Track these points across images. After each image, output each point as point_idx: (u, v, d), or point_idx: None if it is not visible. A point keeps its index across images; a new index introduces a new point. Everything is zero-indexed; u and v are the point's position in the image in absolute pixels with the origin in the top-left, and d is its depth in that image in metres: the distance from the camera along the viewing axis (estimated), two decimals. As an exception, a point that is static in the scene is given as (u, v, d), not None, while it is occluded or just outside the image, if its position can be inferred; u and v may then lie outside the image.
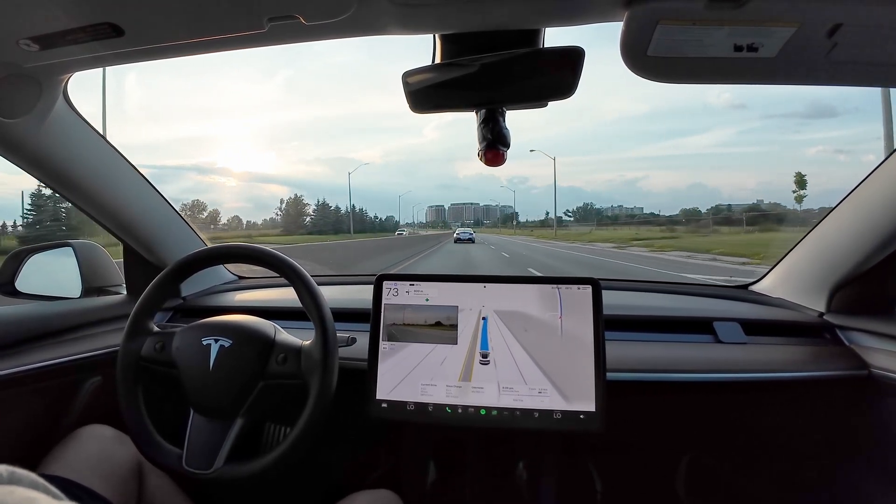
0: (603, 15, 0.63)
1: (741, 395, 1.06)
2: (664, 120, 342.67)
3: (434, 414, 0.88)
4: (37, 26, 0.65)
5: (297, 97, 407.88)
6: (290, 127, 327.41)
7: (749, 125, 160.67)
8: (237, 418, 0.83)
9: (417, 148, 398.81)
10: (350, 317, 1.16)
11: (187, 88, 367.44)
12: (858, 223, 1.00)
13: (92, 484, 0.81)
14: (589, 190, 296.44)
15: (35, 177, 0.97)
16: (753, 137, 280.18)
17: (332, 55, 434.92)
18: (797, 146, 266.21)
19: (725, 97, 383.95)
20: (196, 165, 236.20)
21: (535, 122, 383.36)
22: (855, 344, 1.03)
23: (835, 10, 0.55)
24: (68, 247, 1.21)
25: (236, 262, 1.01)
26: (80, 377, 1.03)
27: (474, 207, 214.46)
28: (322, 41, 0.73)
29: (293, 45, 0.74)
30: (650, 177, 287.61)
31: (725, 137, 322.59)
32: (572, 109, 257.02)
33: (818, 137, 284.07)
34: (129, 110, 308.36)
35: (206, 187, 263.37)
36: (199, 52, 0.75)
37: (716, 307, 1.23)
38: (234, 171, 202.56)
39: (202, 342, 0.85)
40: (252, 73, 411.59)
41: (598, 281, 0.90)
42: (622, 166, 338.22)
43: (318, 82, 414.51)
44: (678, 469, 1.21)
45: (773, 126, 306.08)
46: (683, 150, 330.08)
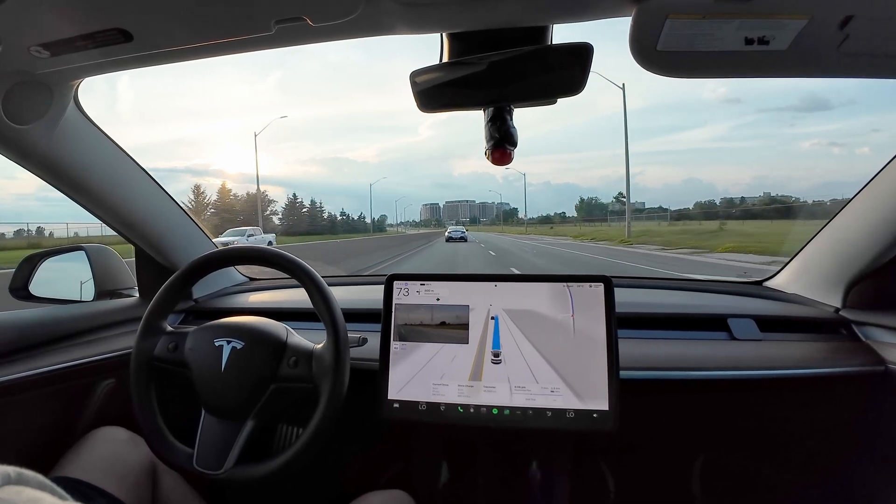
0: (611, 10, 0.62)
1: (757, 393, 1.04)
2: (659, 115, 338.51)
3: (446, 413, 0.88)
4: (47, 33, 0.66)
5: (291, 97, 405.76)
6: (285, 127, 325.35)
7: (743, 119, 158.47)
8: (248, 420, 0.84)
9: (413, 146, 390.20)
10: (361, 317, 1.16)
11: (181, 90, 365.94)
12: (874, 217, 0.98)
13: (106, 485, 0.81)
14: (585, 186, 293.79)
15: (47, 181, 0.98)
16: (748, 132, 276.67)
17: (328, 54, 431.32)
18: (792, 140, 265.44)
19: (721, 92, 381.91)
20: (190, 167, 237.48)
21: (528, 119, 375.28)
22: (872, 339, 1.01)
23: (846, 1, 0.54)
24: (81, 251, 1.22)
25: (247, 263, 1.01)
26: (93, 380, 1.04)
27: (470, 205, 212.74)
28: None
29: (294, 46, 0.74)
30: (645, 172, 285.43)
31: (720, 132, 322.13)
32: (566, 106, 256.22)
33: (812, 131, 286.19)
34: (122, 113, 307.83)
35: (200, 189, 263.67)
36: (207, 55, 0.75)
37: (730, 304, 1.22)
38: (229, 173, 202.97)
39: (214, 343, 0.86)
40: (246, 74, 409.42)
41: (611, 279, 0.89)
42: (617, 162, 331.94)
43: (314, 82, 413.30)
44: (693, 468, 1.20)
45: (767, 120, 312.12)
46: (678, 145, 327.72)
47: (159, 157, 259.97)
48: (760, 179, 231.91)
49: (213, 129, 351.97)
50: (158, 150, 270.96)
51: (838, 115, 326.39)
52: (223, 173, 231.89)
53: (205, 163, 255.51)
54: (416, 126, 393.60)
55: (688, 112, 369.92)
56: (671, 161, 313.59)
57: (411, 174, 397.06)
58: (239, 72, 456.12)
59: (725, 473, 1.20)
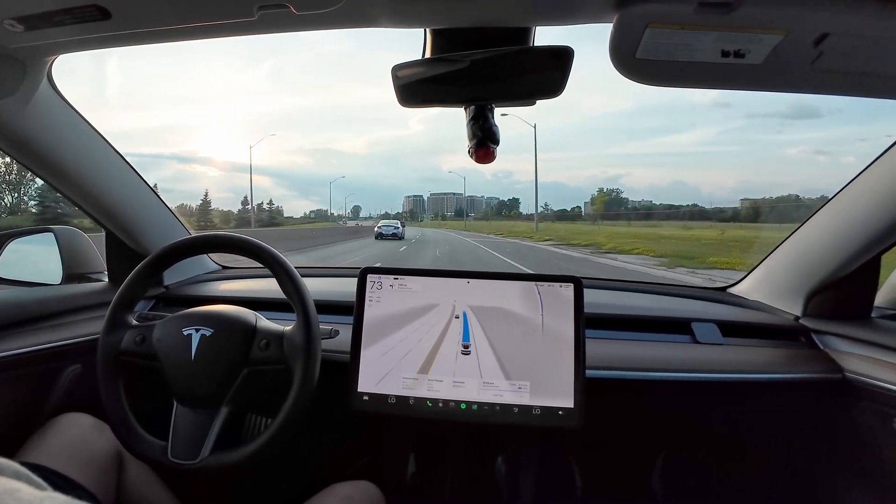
0: (593, 15, 0.63)
1: (717, 395, 1.07)
2: (648, 117, 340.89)
3: (415, 407, 0.89)
4: (22, 6, 0.64)
5: (280, 86, 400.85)
6: (273, 116, 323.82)
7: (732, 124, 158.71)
8: (222, 407, 0.83)
9: (402, 139, 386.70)
10: (333, 309, 1.16)
11: (168, 74, 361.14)
12: (836, 230, 1.02)
13: (70, 472, 0.80)
14: (572, 185, 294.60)
15: (17, 160, 0.95)
16: (735, 137, 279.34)
17: (319, 44, 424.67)
18: (778, 146, 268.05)
19: (711, 95, 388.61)
20: (176, 154, 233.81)
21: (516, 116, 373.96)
22: (829, 348, 1.05)
23: (822, 19, 0.56)
24: (49, 232, 1.19)
25: (218, 251, 1.00)
26: (59, 365, 1.02)
27: (457, 197, 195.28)
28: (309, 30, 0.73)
29: (278, 33, 0.73)
30: (632, 174, 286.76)
31: (707, 136, 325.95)
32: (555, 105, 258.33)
33: (799, 138, 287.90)
34: (108, 96, 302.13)
35: (186, 176, 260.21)
36: (187, 38, 0.74)
37: (694, 308, 1.25)
38: (216, 161, 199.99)
39: (183, 332, 0.85)
40: (235, 61, 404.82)
41: (581, 279, 0.91)
42: (604, 162, 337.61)
43: (303, 71, 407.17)
44: (654, 466, 1.23)
45: (755, 126, 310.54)
46: (665, 147, 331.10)
47: (144, 142, 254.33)
48: (745, 184, 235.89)
49: (202, 117, 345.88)
50: (144, 136, 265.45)
51: (826, 123, 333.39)
52: (211, 160, 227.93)
53: (192, 149, 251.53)
54: (406, 119, 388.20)
55: (678, 114, 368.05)
56: (656, 163, 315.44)
57: (399, 167, 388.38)
58: (229, 58, 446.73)
59: (685, 471, 1.23)
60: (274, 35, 0.74)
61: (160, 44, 0.77)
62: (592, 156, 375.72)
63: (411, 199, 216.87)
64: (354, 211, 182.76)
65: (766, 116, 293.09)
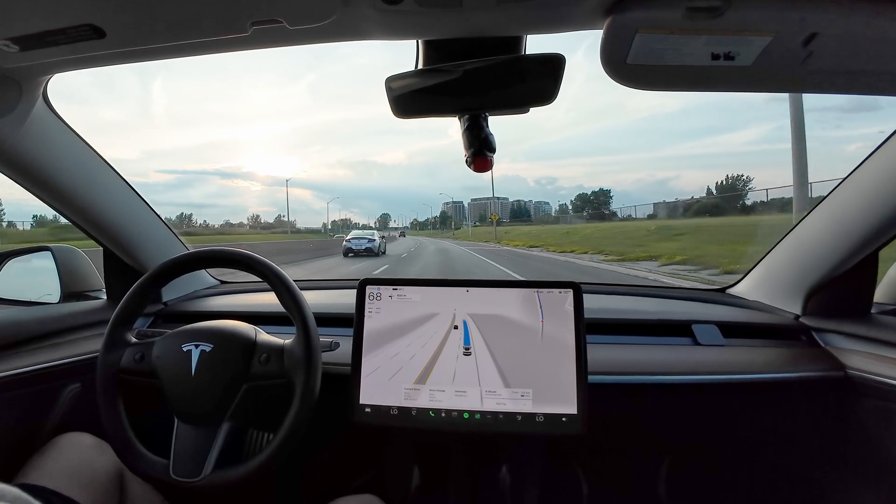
0: (584, 23, 0.64)
1: (720, 397, 1.07)
2: (696, 117, 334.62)
3: (417, 418, 0.88)
4: (17, 27, 0.64)
5: (320, 100, 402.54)
6: (314, 130, 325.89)
7: (786, 121, 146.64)
8: (223, 422, 0.83)
9: (442, 149, 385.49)
10: (333, 321, 1.15)
11: (209, 93, 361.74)
12: (833, 227, 1.02)
13: (71, 493, 0.79)
14: (619, 190, 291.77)
15: (13, 179, 0.95)
16: (790, 134, 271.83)
17: (356, 57, 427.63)
18: (836, 143, 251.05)
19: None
20: (219, 170, 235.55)
21: (560, 121, 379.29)
22: (830, 346, 1.05)
23: (810, 19, 0.56)
24: (47, 251, 1.19)
25: (216, 266, 0.99)
26: (58, 384, 1.01)
27: (501, 203, 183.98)
28: (344, 42, 0.73)
29: (316, 48, 0.74)
30: (681, 176, 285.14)
31: (760, 134, 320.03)
32: (599, 108, 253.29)
33: (859, 134, 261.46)
34: (153, 116, 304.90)
35: (229, 191, 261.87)
36: (182, 55, 0.75)
37: (694, 310, 1.25)
38: (258, 175, 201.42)
39: (182, 349, 0.85)
40: (274, 77, 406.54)
41: (580, 285, 0.91)
42: (652, 165, 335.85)
43: (342, 85, 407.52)
44: (660, 470, 1.23)
45: (811, 121, 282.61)
46: (716, 148, 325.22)
47: (189, 159, 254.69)
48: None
49: (244, 133, 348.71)
50: (188, 153, 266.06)
51: (887, 115, 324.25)
52: (254, 175, 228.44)
53: (235, 165, 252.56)
54: (445, 128, 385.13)
55: (731, 113, 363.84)
56: (707, 165, 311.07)
57: (439, 177, 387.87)
58: (267, 75, 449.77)
59: (691, 475, 1.22)
60: (312, 49, 0.74)
61: (163, 60, 0.78)
62: (640, 159, 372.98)
63: (450, 205, 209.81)
64: (383, 220, 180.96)
65: (824, 110, 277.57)
